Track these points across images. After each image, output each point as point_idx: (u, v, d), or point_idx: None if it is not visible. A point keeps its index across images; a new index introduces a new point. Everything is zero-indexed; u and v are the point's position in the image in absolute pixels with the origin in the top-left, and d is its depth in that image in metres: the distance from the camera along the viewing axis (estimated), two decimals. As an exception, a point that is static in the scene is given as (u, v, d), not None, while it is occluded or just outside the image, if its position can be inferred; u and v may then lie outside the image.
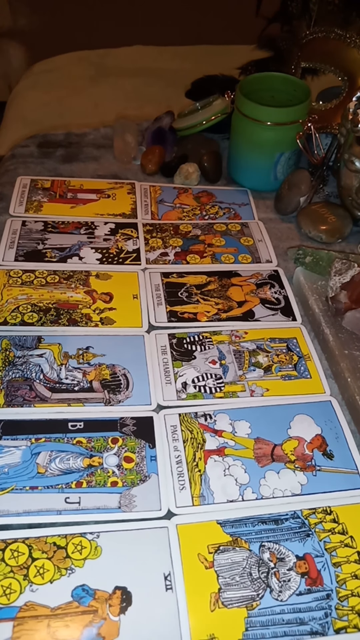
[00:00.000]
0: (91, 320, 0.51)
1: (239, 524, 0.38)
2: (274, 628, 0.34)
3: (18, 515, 0.37)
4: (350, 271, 0.50)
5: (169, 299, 0.54)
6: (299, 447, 0.43)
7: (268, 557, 0.36)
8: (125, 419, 0.43)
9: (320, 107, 0.68)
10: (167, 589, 0.35)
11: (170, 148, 0.71)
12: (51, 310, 0.51)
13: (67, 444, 0.41)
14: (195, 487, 0.40)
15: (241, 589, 0.35)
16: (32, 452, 0.41)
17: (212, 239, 0.61)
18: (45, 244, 0.58)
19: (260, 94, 0.65)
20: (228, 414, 0.44)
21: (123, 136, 0.70)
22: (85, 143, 0.74)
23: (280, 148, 0.64)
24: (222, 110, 0.69)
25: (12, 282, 0.53)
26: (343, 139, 0.59)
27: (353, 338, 0.49)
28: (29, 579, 0.34)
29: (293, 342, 0.50)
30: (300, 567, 0.36)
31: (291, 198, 0.63)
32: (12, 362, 0.46)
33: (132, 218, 0.63)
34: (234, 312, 0.53)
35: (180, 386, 0.46)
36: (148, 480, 0.40)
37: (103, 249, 0.58)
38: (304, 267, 0.56)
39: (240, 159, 0.67)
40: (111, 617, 0.33)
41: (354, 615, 0.34)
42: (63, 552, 0.36)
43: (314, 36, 0.68)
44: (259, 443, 0.43)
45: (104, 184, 0.67)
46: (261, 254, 0.60)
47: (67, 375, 0.46)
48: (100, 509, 0.38)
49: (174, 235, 0.61)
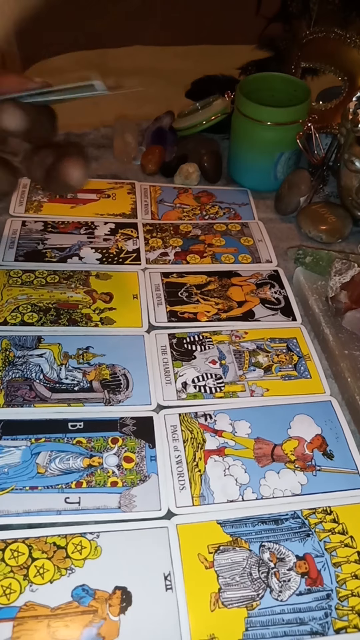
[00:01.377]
0: (91, 320, 0.51)
1: (239, 524, 0.38)
2: (274, 628, 0.34)
3: (18, 515, 0.37)
4: (350, 271, 0.50)
5: (169, 299, 0.54)
6: (299, 447, 0.43)
7: (268, 557, 0.36)
8: (125, 419, 0.43)
9: (320, 107, 0.68)
10: (167, 589, 0.35)
11: (170, 148, 0.71)
12: (51, 310, 0.51)
13: (67, 444, 0.41)
14: (195, 487, 0.40)
15: (241, 589, 0.35)
16: (32, 452, 0.41)
17: (212, 239, 0.61)
18: (45, 244, 0.58)
19: (260, 94, 0.65)
20: (228, 414, 0.44)
21: (123, 136, 0.70)
22: (85, 143, 0.74)
23: (281, 148, 0.64)
24: (222, 110, 0.69)
25: (12, 282, 0.53)
26: (343, 139, 0.59)
27: (353, 338, 0.49)
28: (29, 579, 0.34)
29: (293, 342, 0.50)
30: (300, 567, 0.36)
31: (291, 198, 0.63)
32: (12, 362, 0.46)
33: (132, 218, 0.63)
34: (234, 312, 0.53)
35: (180, 386, 0.46)
36: (148, 480, 0.40)
37: (103, 249, 0.58)
38: (304, 267, 0.56)
39: (240, 159, 0.67)
40: (111, 617, 0.33)
41: (354, 615, 0.34)
42: (63, 552, 0.36)
43: (314, 36, 0.68)
44: (259, 443, 0.43)
45: (104, 184, 0.67)
46: (261, 254, 0.60)
47: (67, 375, 0.46)
48: (100, 509, 0.38)
49: (174, 235, 0.61)
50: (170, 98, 0.79)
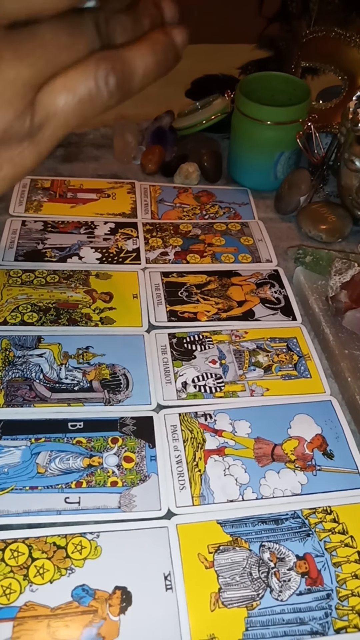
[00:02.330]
0: (91, 319, 0.51)
1: (239, 523, 0.38)
2: (274, 628, 0.34)
3: (18, 515, 0.37)
4: (350, 271, 0.50)
5: (169, 299, 0.54)
6: (299, 447, 0.43)
7: (268, 557, 0.36)
8: (125, 419, 0.43)
9: (320, 107, 0.68)
10: (167, 589, 0.35)
11: (170, 148, 0.71)
12: (51, 310, 0.51)
13: (67, 444, 0.41)
14: (195, 486, 0.40)
15: (241, 589, 0.35)
16: (31, 452, 0.41)
17: (212, 239, 0.61)
18: (45, 244, 0.58)
19: (260, 94, 0.65)
20: (228, 414, 0.44)
21: (123, 136, 0.70)
22: (85, 143, 0.74)
23: (281, 147, 0.64)
24: (222, 110, 0.69)
25: (12, 282, 0.53)
26: (343, 139, 0.59)
27: (353, 338, 0.49)
28: (28, 579, 0.34)
29: (293, 342, 0.50)
30: (300, 567, 0.36)
31: (291, 198, 0.63)
32: (12, 362, 0.46)
33: (132, 217, 0.63)
34: (234, 312, 0.53)
35: (180, 386, 0.46)
36: (148, 480, 0.40)
37: (103, 249, 0.58)
38: (304, 267, 0.56)
39: (240, 158, 0.67)
40: (111, 617, 0.33)
41: (354, 615, 0.34)
42: (63, 552, 0.36)
43: (314, 36, 0.68)
44: (259, 443, 0.43)
45: (104, 183, 0.67)
46: (261, 253, 0.60)
47: (67, 375, 0.46)
48: (100, 509, 0.38)
49: (174, 234, 0.61)
50: (170, 98, 0.79)
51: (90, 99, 0.20)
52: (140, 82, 0.21)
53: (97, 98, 0.20)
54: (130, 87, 0.21)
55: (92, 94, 0.20)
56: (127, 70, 0.21)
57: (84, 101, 0.20)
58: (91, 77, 0.20)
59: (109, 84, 0.20)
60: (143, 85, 0.22)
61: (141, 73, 0.21)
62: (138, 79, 0.21)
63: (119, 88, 0.21)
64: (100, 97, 0.20)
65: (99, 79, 0.20)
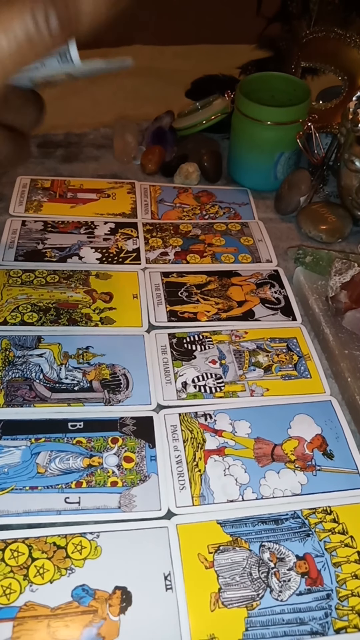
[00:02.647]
0: (91, 320, 0.51)
1: (239, 523, 0.38)
2: (274, 628, 0.34)
3: (18, 515, 0.37)
4: (351, 271, 0.50)
5: (169, 299, 0.54)
6: (299, 447, 0.43)
7: (268, 557, 0.36)
8: (125, 419, 0.43)
9: (320, 107, 0.68)
10: (167, 589, 0.35)
11: (170, 148, 0.71)
12: (51, 310, 0.51)
13: (67, 444, 0.41)
14: (195, 487, 0.40)
15: (241, 589, 0.35)
16: (31, 452, 0.41)
17: (212, 239, 0.61)
18: (45, 244, 0.58)
19: (260, 94, 0.65)
20: (228, 414, 0.44)
21: (123, 136, 0.70)
22: (85, 143, 0.74)
23: (281, 148, 0.64)
24: (222, 110, 0.69)
25: (12, 282, 0.53)
26: (343, 139, 0.59)
27: (353, 338, 0.49)
28: (28, 579, 0.34)
29: (293, 342, 0.50)
30: (300, 567, 0.36)
31: (291, 198, 0.63)
32: (11, 362, 0.46)
33: (132, 218, 0.63)
34: (234, 312, 0.53)
35: (180, 386, 0.46)
36: (148, 480, 0.40)
37: (103, 249, 0.58)
38: (304, 267, 0.56)
39: (240, 158, 0.67)
40: (111, 617, 0.33)
41: (354, 615, 0.34)
42: (63, 552, 0.36)
43: (314, 36, 0.68)
44: (259, 443, 0.43)
45: (104, 183, 0.67)
46: (261, 253, 0.60)
47: (67, 375, 0.46)
48: (100, 509, 0.38)
49: (174, 234, 0.61)
50: (170, 98, 0.79)
51: (29, 40, 0.17)
52: (89, 22, 0.18)
53: (37, 40, 0.17)
54: (78, 28, 0.18)
55: (30, 35, 0.17)
56: (71, 6, 0.17)
57: (22, 44, 0.17)
58: (28, 15, 0.17)
59: (50, 23, 0.17)
60: (92, 24, 0.18)
61: (89, 10, 0.18)
62: (86, 18, 0.18)
63: (64, 28, 0.17)
64: (42, 38, 0.17)
65: (37, 17, 0.17)
